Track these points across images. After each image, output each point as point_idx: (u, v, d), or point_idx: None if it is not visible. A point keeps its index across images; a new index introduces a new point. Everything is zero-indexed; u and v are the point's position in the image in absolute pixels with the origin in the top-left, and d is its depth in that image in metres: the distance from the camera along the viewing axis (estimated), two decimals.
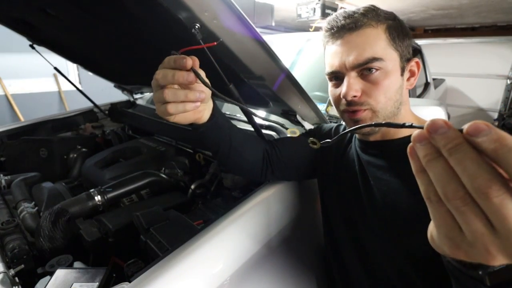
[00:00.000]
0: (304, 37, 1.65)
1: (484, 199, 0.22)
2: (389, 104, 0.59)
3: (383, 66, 0.57)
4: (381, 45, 0.57)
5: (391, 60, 0.58)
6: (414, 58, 0.62)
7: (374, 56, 0.56)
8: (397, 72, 0.59)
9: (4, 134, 1.47)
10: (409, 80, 0.63)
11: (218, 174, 1.13)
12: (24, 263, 0.76)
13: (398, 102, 0.60)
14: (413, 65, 0.62)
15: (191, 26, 0.57)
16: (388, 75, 0.58)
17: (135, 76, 1.49)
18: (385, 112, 0.60)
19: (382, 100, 0.59)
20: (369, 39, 0.57)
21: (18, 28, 1.24)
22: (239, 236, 0.67)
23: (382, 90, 0.58)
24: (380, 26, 0.58)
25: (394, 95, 0.59)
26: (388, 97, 0.59)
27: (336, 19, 0.60)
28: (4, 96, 3.54)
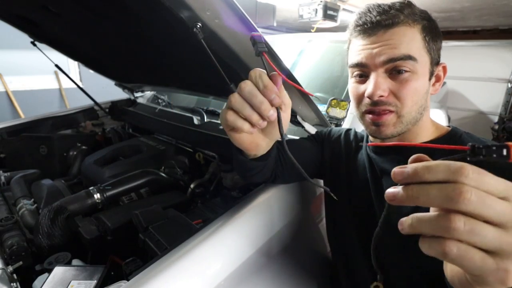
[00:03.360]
0: (305, 38, 1.65)
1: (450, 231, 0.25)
2: (414, 109, 0.57)
3: (415, 67, 0.54)
4: (416, 45, 0.54)
5: (423, 63, 0.55)
6: (442, 62, 0.59)
7: (410, 54, 0.53)
8: (426, 75, 0.56)
9: (4, 130, 1.47)
10: (434, 85, 0.59)
11: (217, 173, 1.13)
12: (23, 260, 0.76)
13: (423, 107, 0.58)
14: (440, 70, 0.59)
15: (192, 25, 0.57)
16: (418, 78, 0.55)
17: (136, 74, 1.49)
18: (410, 117, 0.57)
19: (409, 104, 0.56)
20: (406, 38, 0.53)
21: (19, 25, 1.24)
22: (238, 236, 0.67)
23: (410, 92, 0.55)
24: (416, 26, 0.54)
25: (420, 100, 0.56)
26: (414, 101, 0.56)
27: (370, 14, 0.56)
28: (4, 93, 3.54)
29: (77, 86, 1.66)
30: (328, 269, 0.88)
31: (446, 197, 0.25)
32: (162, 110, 1.53)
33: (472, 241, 0.25)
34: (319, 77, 1.44)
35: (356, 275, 0.69)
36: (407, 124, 0.58)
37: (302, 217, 0.85)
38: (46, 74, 3.80)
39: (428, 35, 0.55)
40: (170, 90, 1.54)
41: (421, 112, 0.58)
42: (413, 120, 0.58)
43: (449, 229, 0.25)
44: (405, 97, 0.55)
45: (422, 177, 0.27)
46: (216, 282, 0.59)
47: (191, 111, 1.39)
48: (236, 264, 0.63)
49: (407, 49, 0.53)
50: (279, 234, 0.76)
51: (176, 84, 1.35)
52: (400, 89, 0.55)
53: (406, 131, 0.59)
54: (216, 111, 1.31)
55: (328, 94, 1.24)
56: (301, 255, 0.83)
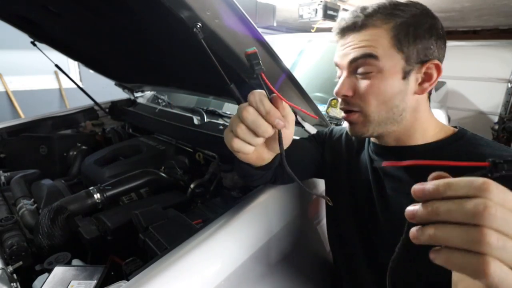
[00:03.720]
0: (305, 38, 1.65)
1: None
2: (383, 109, 0.55)
3: (378, 66, 0.53)
4: (382, 44, 0.53)
5: (390, 61, 0.53)
6: (434, 59, 0.54)
7: (370, 52, 0.53)
8: (396, 74, 0.54)
9: (4, 130, 1.47)
10: (421, 84, 0.55)
11: (217, 173, 1.13)
12: (23, 260, 0.76)
13: (399, 108, 0.55)
14: (430, 68, 0.55)
15: (192, 25, 0.57)
16: (384, 77, 0.54)
17: (136, 74, 1.49)
18: (379, 117, 0.56)
19: (373, 104, 0.55)
20: (370, 38, 0.54)
21: (19, 25, 1.24)
22: (238, 236, 0.67)
23: (373, 92, 0.55)
24: (385, 26, 0.53)
25: (390, 100, 0.55)
26: (381, 101, 0.55)
27: (344, 19, 0.58)
28: (4, 93, 3.54)
29: (77, 86, 1.66)
30: (328, 270, 0.88)
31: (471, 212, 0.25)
32: (162, 110, 1.53)
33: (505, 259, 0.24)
34: (319, 77, 1.44)
35: (358, 275, 0.69)
36: (378, 125, 0.57)
37: (302, 217, 0.85)
38: (46, 74, 3.80)
39: (403, 32, 0.53)
40: (170, 90, 1.54)
41: (398, 113, 0.56)
42: (386, 120, 0.56)
43: (482, 243, 0.24)
44: (367, 97, 0.55)
45: (444, 194, 0.27)
46: (216, 282, 0.59)
47: (191, 111, 1.39)
48: (236, 264, 0.63)
49: (369, 48, 0.54)
50: (279, 234, 0.76)
51: (176, 84, 1.35)
52: (362, 89, 0.56)
53: (395, 133, 0.58)
54: (216, 111, 1.31)
55: (328, 94, 1.24)
56: (302, 254, 0.83)
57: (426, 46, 0.53)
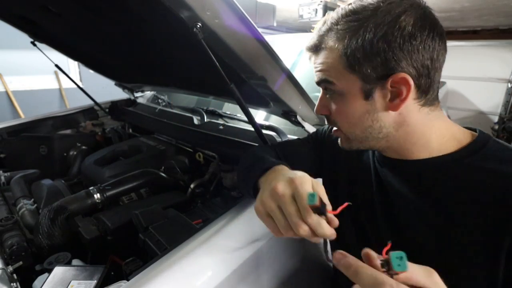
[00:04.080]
0: (305, 38, 1.64)
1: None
2: (357, 130, 0.53)
3: (335, 89, 0.52)
4: (335, 67, 0.51)
5: (347, 84, 0.50)
6: (399, 73, 0.46)
7: (325, 78, 0.52)
8: (356, 96, 0.50)
9: (4, 130, 1.47)
10: (392, 101, 0.49)
11: (217, 173, 1.13)
12: (23, 260, 0.76)
13: (374, 127, 0.52)
14: (395, 82, 0.47)
15: (192, 25, 0.57)
16: (345, 100, 0.52)
17: (136, 74, 1.49)
18: (356, 136, 0.55)
19: (344, 125, 0.55)
20: (325, 61, 0.53)
21: (19, 25, 1.24)
22: (238, 235, 0.67)
23: (340, 114, 0.54)
24: (337, 45, 0.50)
25: (360, 121, 0.52)
26: (351, 123, 0.53)
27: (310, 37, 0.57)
28: (4, 93, 3.54)
29: (77, 86, 1.66)
30: (328, 271, 0.88)
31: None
32: (162, 110, 1.53)
33: None
34: None
35: None
36: (360, 142, 0.55)
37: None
38: (46, 74, 3.80)
39: (355, 50, 0.47)
40: (170, 90, 1.54)
41: (377, 131, 0.52)
42: (366, 139, 0.54)
43: None
44: (337, 119, 0.55)
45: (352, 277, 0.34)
46: (216, 282, 0.59)
47: (191, 111, 1.39)
48: (236, 264, 0.63)
49: (324, 73, 0.53)
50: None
51: (176, 84, 1.35)
52: (332, 110, 0.56)
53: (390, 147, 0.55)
54: (216, 111, 1.31)
55: None
56: (302, 254, 0.83)
57: (386, 59, 0.46)
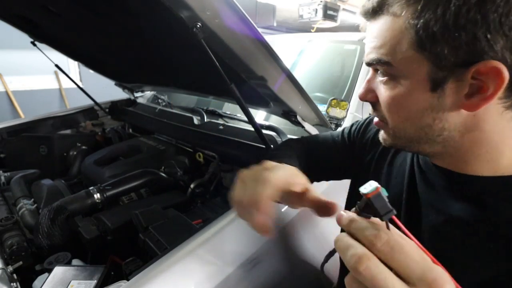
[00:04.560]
0: (305, 38, 1.65)
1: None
2: (409, 127, 0.41)
3: (391, 72, 0.40)
4: (397, 43, 0.37)
5: (410, 68, 0.37)
6: (490, 61, 0.32)
7: (379, 57, 0.39)
8: (419, 85, 0.38)
9: (4, 130, 1.47)
10: (470, 98, 0.35)
11: (217, 173, 1.13)
12: (23, 260, 0.76)
13: (433, 128, 0.39)
14: (480, 73, 0.34)
15: (192, 25, 0.57)
16: (403, 88, 0.39)
17: (136, 74, 1.49)
18: (405, 134, 0.42)
19: (395, 118, 0.42)
20: (384, 32, 0.38)
21: (19, 25, 1.24)
22: (238, 235, 0.67)
23: (392, 105, 0.41)
24: (405, 12, 0.36)
25: (416, 118, 0.40)
26: (404, 117, 0.41)
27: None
28: (4, 93, 3.55)
29: (77, 86, 1.66)
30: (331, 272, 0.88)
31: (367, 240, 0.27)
32: (162, 110, 1.53)
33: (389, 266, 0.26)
34: (319, 77, 1.44)
35: None
36: (409, 142, 0.43)
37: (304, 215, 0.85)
38: (46, 74, 3.80)
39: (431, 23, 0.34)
40: (170, 90, 1.54)
41: (435, 133, 0.40)
42: (418, 139, 0.42)
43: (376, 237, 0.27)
44: (387, 109, 0.43)
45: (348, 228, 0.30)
46: (216, 282, 0.59)
47: (191, 111, 1.39)
48: (236, 264, 0.63)
49: (380, 50, 0.39)
50: (281, 233, 0.76)
51: (176, 84, 1.35)
52: (381, 98, 0.43)
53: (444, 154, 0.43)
54: (216, 111, 1.31)
55: (328, 94, 1.24)
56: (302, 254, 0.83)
57: (475, 38, 0.32)
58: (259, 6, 2.87)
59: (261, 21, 3.12)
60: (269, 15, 3.07)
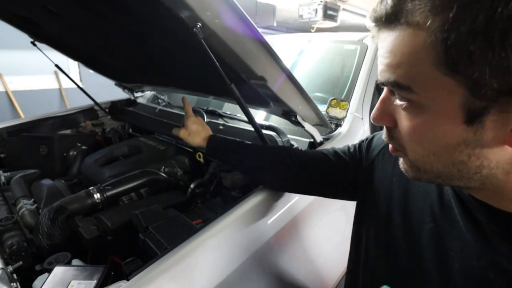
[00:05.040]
0: (305, 38, 1.65)
1: None
2: (438, 162, 0.34)
3: (413, 98, 0.32)
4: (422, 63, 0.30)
5: (436, 95, 0.30)
6: None
7: (396, 80, 0.32)
8: (450, 116, 0.31)
9: (4, 130, 1.47)
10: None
11: (217, 173, 1.13)
12: (23, 260, 0.76)
13: (470, 165, 0.32)
14: None
15: (192, 25, 0.57)
16: (427, 117, 0.32)
17: (136, 74, 1.49)
18: (432, 169, 0.35)
19: (417, 151, 0.35)
20: (401, 48, 0.31)
21: (19, 25, 1.24)
22: (238, 235, 0.67)
23: (414, 135, 0.34)
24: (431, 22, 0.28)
25: (446, 153, 0.33)
26: (430, 151, 0.34)
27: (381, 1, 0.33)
28: (4, 93, 3.55)
29: (77, 86, 1.66)
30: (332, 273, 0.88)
31: None
32: (162, 110, 1.54)
33: None
34: (319, 77, 1.44)
35: None
36: (438, 177, 0.36)
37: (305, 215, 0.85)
38: (46, 74, 3.80)
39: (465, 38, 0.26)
40: (170, 90, 1.54)
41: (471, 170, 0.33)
42: (450, 176, 0.35)
43: None
44: (408, 140, 0.35)
45: None
46: (216, 282, 0.59)
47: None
48: (236, 264, 0.63)
49: (400, 70, 0.32)
50: (280, 234, 0.76)
51: (176, 84, 1.35)
52: (402, 126, 0.36)
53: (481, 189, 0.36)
54: (216, 111, 1.31)
55: (328, 94, 1.24)
56: (303, 255, 0.83)
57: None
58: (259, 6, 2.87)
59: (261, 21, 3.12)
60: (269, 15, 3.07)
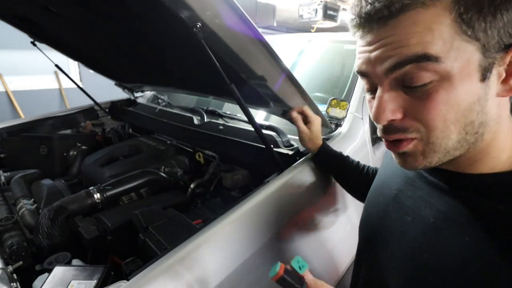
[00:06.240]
0: (305, 38, 1.65)
1: None
2: (454, 131, 0.36)
3: (438, 69, 0.33)
4: (441, 33, 0.32)
5: (460, 59, 0.33)
6: None
7: (424, 52, 0.33)
8: (470, 77, 0.33)
9: (4, 130, 1.47)
10: (507, 81, 0.34)
11: (217, 173, 1.13)
12: (23, 260, 0.76)
13: (475, 124, 0.35)
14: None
15: (192, 25, 0.57)
16: (451, 85, 0.34)
17: (136, 74, 1.49)
18: (447, 144, 0.37)
19: (439, 126, 0.36)
20: (417, 27, 0.33)
21: (19, 25, 1.24)
22: (238, 235, 0.67)
23: (438, 110, 0.35)
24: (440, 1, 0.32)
25: (463, 116, 0.35)
26: (451, 120, 0.35)
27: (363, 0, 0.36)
28: (4, 93, 3.55)
29: (77, 86, 1.66)
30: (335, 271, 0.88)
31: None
32: (162, 110, 1.54)
33: None
34: (319, 77, 1.44)
35: None
36: (447, 152, 0.37)
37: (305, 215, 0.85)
38: (46, 74, 3.80)
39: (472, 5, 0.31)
40: (170, 90, 1.54)
41: (473, 132, 0.36)
42: (456, 145, 0.37)
43: None
44: (429, 119, 0.36)
45: None
46: (216, 282, 0.59)
47: (191, 111, 1.39)
48: (236, 264, 0.63)
49: (421, 44, 0.33)
50: (281, 234, 0.76)
51: (176, 84, 1.35)
52: (420, 107, 0.36)
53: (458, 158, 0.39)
54: (216, 111, 1.31)
55: (328, 94, 1.24)
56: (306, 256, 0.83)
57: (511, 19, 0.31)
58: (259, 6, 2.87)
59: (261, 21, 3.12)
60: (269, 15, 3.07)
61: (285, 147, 0.99)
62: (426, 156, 0.39)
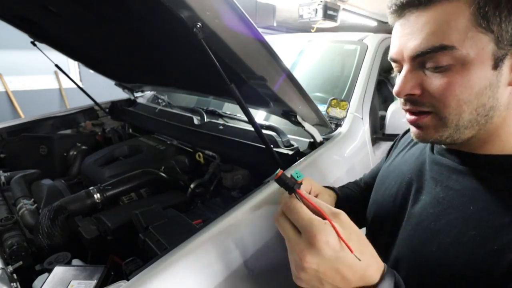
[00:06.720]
0: (305, 38, 1.65)
1: None
2: (466, 111, 0.42)
3: (455, 56, 0.39)
4: (460, 26, 0.39)
5: (474, 48, 0.39)
6: None
7: (443, 43, 0.39)
8: (483, 64, 0.39)
9: (4, 130, 1.47)
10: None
11: (217, 173, 1.13)
12: (23, 260, 0.76)
13: (486, 107, 0.41)
14: None
15: (192, 25, 0.57)
16: (466, 70, 0.40)
17: (136, 74, 1.49)
18: (459, 121, 0.43)
19: (452, 104, 0.42)
20: (440, 19, 0.39)
21: (19, 25, 1.24)
22: (238, 235, 0.67)
23: (453, 91, 0.41)
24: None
25: (475, 98, 0.41)
26: (464, 101, 0.41)
27: None
28: (4, 93, 3.55)
29: (77, 86, 1.66)
30: None
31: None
32: (162, 110, 1.54)
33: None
34: (319, 77, 1.44)
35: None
36: (457, 129, 0.43)
37: None
38: (46, 74, 3.80)
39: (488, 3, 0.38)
40: (170, 90, 1.54)
41: (483, 113, 0.42)
42: (467, 124, 0.43)
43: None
44: (443, 98, 0.42)
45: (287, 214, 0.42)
46: (216, 282, 0.59)
47: (191, 111, 1.39)
48: (236, 264, 0.63)
49: (441, 35, 0.39)
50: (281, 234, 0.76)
51: (176, 84, 1.35)
52: (436, 86, 0.42)
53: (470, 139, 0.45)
54: (216, 111, 1.31)
55: (328, 94, 1.24)
56: None
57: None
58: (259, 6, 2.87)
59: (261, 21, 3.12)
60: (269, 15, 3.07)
61: (285, 147, 0.99)
62: (438, 130, 0.45)
